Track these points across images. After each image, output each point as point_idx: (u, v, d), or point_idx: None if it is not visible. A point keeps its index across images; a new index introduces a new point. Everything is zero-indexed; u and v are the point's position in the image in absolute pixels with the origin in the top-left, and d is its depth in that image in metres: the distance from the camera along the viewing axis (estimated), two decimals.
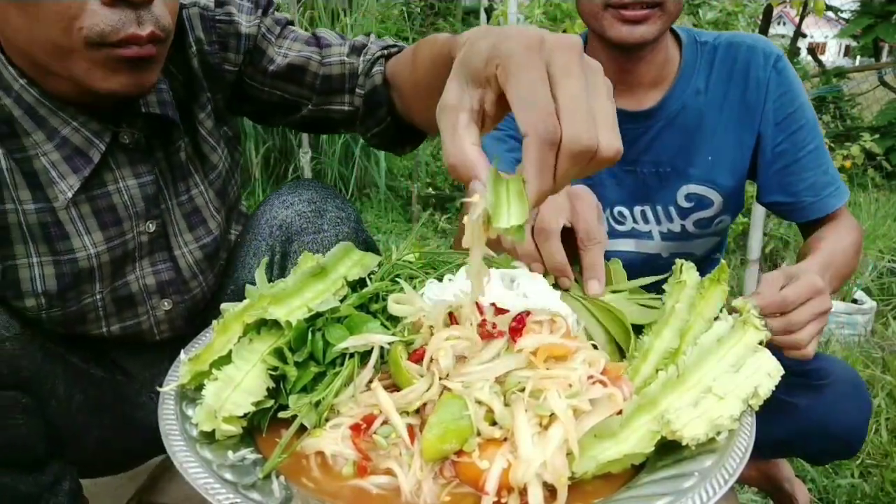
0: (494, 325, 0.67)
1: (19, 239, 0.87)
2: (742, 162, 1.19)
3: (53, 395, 0.92)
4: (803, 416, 1.05)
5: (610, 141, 0.50)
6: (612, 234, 1.26)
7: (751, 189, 1.36)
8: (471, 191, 0.53)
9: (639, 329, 0.76)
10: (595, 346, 0.72)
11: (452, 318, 0.69)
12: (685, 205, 1.21)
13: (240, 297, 0.99)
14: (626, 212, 1.24)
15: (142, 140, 0.93)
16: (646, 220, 1.24)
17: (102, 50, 0.76)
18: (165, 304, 1.03)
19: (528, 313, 0.68)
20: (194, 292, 1.06)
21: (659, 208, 1.23)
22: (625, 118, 1.19)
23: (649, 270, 0.87)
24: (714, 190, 1.19)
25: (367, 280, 0.82)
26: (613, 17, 1.06)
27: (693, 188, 1.19)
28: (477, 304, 0.68)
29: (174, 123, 0.95)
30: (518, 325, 0.67)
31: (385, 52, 1.02)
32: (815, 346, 0.84)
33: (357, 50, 1.03)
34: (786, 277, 0.85)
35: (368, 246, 1.01)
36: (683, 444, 0.59)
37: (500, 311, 0.70)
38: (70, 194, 0.87)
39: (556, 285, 0.80)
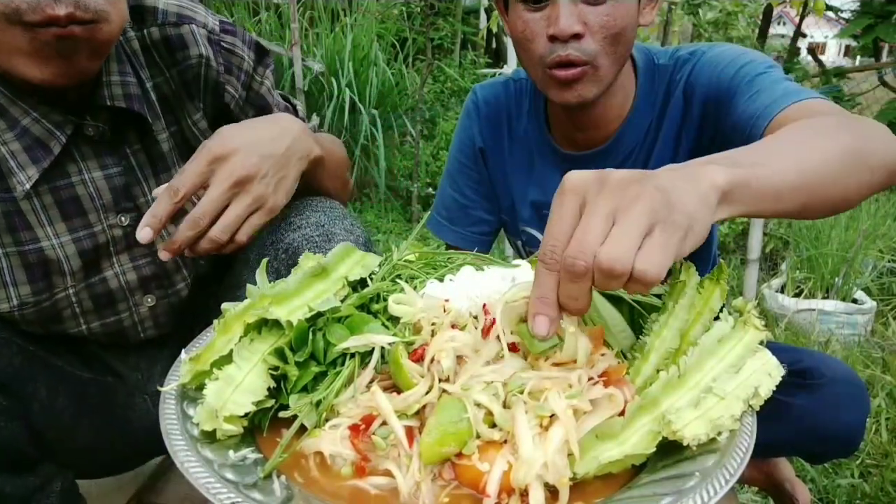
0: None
1: None
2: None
3: (35, 397, 0.92)
4: (800, 416, 1.04)
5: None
6: None
7: None
8: None
9: (639, 329, 0.76)
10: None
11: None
12: None
13: None
14: None
15: (107, 133, 0.93)
16: None
17: (26, 32, 0.75)
18: (148, 300, 1.03)
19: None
20: (178, 287, 1.06)
21: None
22: (583, 161, 1.19)
23: None
24: None
25: (368, 280, 0.82)
26: (551, 77, 1.04)
27: None
28: (483, 305, 0.69)
29: (143, 117, 0.95)
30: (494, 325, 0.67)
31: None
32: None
33: None
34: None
35: None
36: (684, 444, 0.59)
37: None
38: (28, 185, 0.87)
39: None
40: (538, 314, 0.58)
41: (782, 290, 2.80)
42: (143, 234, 0.81)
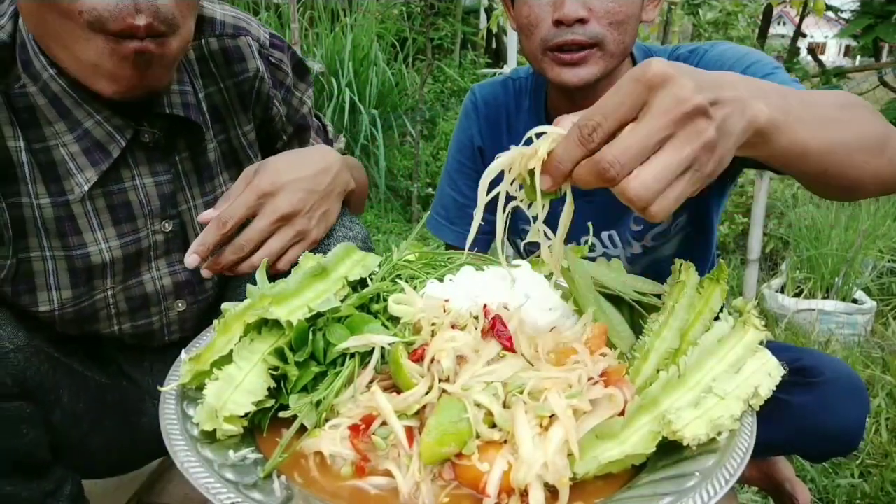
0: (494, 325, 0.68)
1: (33, 232, 0.89)
2: None
3: (58, 404, 0.93)
4: (799, 415, 1.04)
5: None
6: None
7: (750, 189, 1.36)
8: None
9: (639, 329, 0.76)
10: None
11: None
12: (636, 228, 1.20)
13: None
14: (594, 240, 1.24)
15: (161, 140, 0.94)
16: (614, 244, 1.24)
17: (108, 42, 0.76)
18: (179, 304, 1.05)
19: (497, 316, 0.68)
20: (208, 293, 1.07)
21: (623, 231, 1.22)
22: None
23: None
24: None
25: (368, 280, 0.82)
26: (553, 59, 1.04)
27: None
28: (484, 306, 0.69)
29: (198, 125, 0.96)
30: (491, 327, 0.67)
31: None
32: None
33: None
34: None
35: None
36: (684, 444, 0.59)
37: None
38: (86, 187, 0.88)
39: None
40: (548, 175, 0.60)
41: (782, 290, 2.80)
42: (191, 260, 0.87)
